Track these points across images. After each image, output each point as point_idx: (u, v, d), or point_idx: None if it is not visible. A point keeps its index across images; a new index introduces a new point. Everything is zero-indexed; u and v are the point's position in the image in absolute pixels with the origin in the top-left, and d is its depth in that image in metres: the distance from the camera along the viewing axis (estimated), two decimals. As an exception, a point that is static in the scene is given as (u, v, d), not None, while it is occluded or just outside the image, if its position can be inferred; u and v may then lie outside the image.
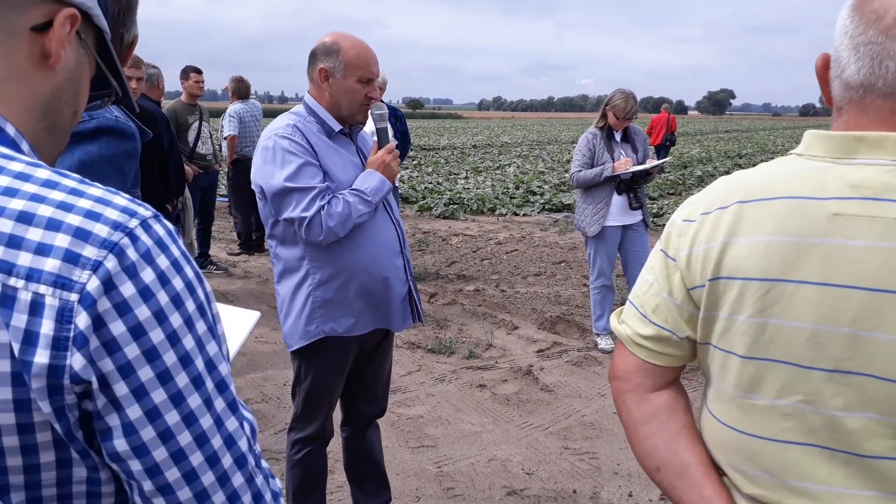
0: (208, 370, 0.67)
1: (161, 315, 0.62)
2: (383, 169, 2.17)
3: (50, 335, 0.58)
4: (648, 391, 1.07)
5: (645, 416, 1.06)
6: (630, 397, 1.08)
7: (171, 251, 0.65)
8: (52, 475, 0.64)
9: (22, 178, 0.61)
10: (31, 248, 0.58)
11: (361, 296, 2.18)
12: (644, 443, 1.06)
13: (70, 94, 0.74)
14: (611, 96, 4.50)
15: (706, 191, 1.02)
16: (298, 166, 2.04)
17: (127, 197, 0.65)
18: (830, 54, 0.96)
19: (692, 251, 0.97)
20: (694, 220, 0.99)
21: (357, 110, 2.16)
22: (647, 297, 1.05)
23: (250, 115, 7.05)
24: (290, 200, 2.04)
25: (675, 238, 1.01)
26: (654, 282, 1.04)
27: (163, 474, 0.64)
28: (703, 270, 0.96)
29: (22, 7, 0.66)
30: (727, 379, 0.98)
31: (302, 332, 2.20)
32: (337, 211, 2.04)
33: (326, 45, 2.12)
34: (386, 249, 2.21)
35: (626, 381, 1.09)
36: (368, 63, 2.12)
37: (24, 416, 0.60)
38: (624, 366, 1.09)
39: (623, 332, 1.09)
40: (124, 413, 0.62)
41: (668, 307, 1.02)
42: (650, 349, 1.05)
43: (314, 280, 2.16)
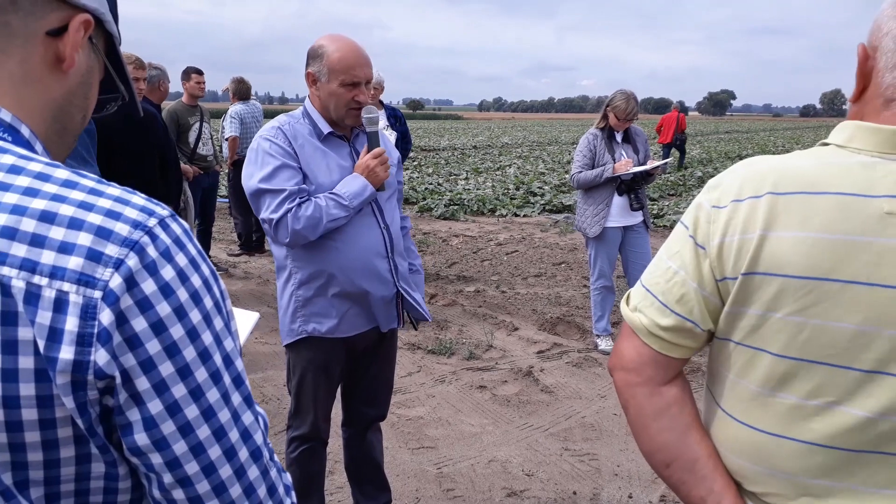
0: (225, 365, 0.69)
1: (181, 311, 0.64)
2: (367, 173, 2.15)
3: (74, 331, 0.60)
4: (660, 384, 1.02)
5: (657, 411, 1.02)
6: (641, 390, 1.03)
7: (189, 249, 0.67)
8: (72, 470, 0.66)
9: (42, 179, 0.63)
10: (55, 247, 0.60)
11: (342, 297, 2.19)
12: (655, 438, 1.02)
13: (81, 98, 0.75)
14: (612, 97, 4.49)
15: (733, 173, 0.97)
16: (274, 168, 2.07)
17: (144, 196, 0.67)
18: (868, 45, 0.93)
19: (724, 240, 0.92)
20: (724, 207, 0.94)
21: (345, 114, 2.15)
22: (670, 285, 0.99)
23: (251, 116, 7.05)
24: (263, 201, 2.09)
25: (704, 224, 0.96)
26: (679, 269, 0.98)
27: (182, 467, 0.66)
28: (735, 262, 0.91)
29: (38, 12, 0.67)
30: (751, 376, 0.94)
31: (288, 330, 2.25)
32: (305, 214, 2.04)
33: (313, 49, 2.14)
34: (367, 253, 2.19)
35: (636, 372, 1.03)
36: (351, 67, 2.10)
37: (46, 411, 0.62)
38: (635, 357, 1.03)
39: (638, 321, 1.02)
40: (145, 407, 0.63)
41: (696, 297, 0.96)
42: (667, 341, 1.00)
43: (296, 279, 2.20)
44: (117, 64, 0.80)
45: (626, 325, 1.06)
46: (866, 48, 0.93)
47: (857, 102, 0.96)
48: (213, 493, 0.68)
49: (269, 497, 0.73)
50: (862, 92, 0.95)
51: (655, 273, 1.02)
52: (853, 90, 0.96)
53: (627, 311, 1.05)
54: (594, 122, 4.66)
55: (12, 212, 0.60)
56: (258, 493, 0.72)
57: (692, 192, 13.19)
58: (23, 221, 0.60)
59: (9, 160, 0.63)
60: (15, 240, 0.59)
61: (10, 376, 0.60)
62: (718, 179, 0.99)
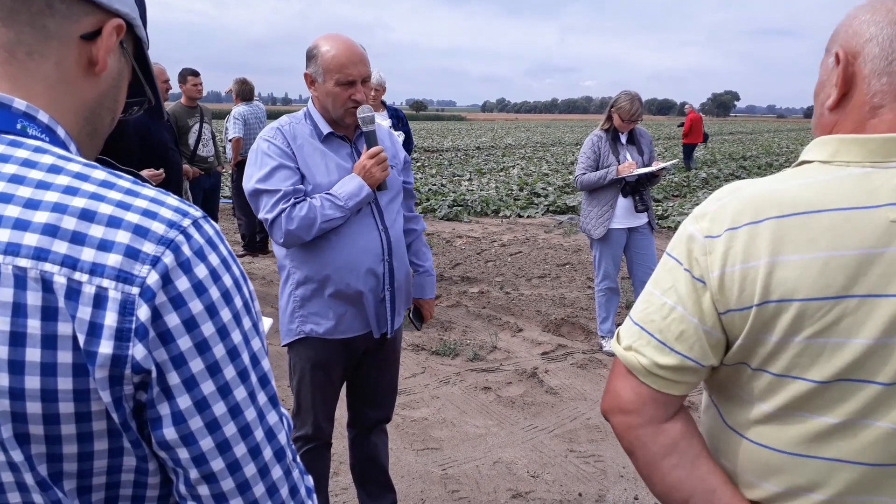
0: (253, 364, 0.71)
1: (212, 309, 0.66)
2: (364, 173, 2.13)
3: (113, 327, 0.62)
4: (663, 422, 0.98)
5: (664, 450, 0.97)
6: (644, 432, 0.98)
7: (221, 250, 0.69)
8: (104, 463, 0.68)
9: (81, 178, 0.65)
10: (94, 244, 0.62)
11: (338, 299, 2.18)
12: (667, 477, 0.97)
13: (111, 101, 0.78)
14: (616, 98, 4.48)
15: (719, 202, 0.94)
16: (271, 169, 2.09)
17: (177, 198, 0.69)
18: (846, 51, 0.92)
19: (724, 271, 0.89)
20: (718, 236, 0.91)
21: (343, 113, 2.14)
22: (667, 322, 0.95)
23: (254, 116, 7.06)
24: (260, 201, 2.11)
25: (700, 257, 0.92)
26: (676, 305, 0.94)
27: (208, 463, 0.68)
28: (741, 293, 0.88)
29: (74, 16, 0.70)
30: (771, 400, 0.92)
31: (286, 329, 2.26)
32: (300, 215, 2.05)
33: (309, 50, 2.14)
34: (365, 255, 2.17)
35: (636, 414, 0.98)
36: (344, 65, 2.08)
37: (82, 405, 0.63)
38: (633, 398, 0.98)
39: (634, 361, 0.98)
40: (175, 402, 0.65)
41: (696, 334, 0.93)
42: (667, 379, 0.96)
43: (294, 279, 2.21)
44: (145, 67, 0.82)
45: (618, 365, 1.02)
46: (847, 54, 0.91)
47: (835, 110, 0.94)
48: (236, 491, 0.70)
49: (291, 498, 0.74)
50: (840, 99, 0.93)
51: (648, 310, 0.98)
52: (831, 98, 0.93)
53: (620, 350, 1.01)
54: (598, 123, 4.65)
55: (53, 209, 0.62)
56: (281, 494, 0.73)
57: (696, 193, 13.17)
58: (64, 219, 0.62)
59: (48, 160, 0.65)
60: (56, 237, 0.61)
61: (50, 370, 0.61)
62: (703, 209, 0.96)
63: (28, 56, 0.69)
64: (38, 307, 0.60)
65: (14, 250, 0.60)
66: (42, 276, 0.60)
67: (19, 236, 0.61)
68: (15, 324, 0.60)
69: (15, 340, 0.60)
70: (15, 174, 0.63)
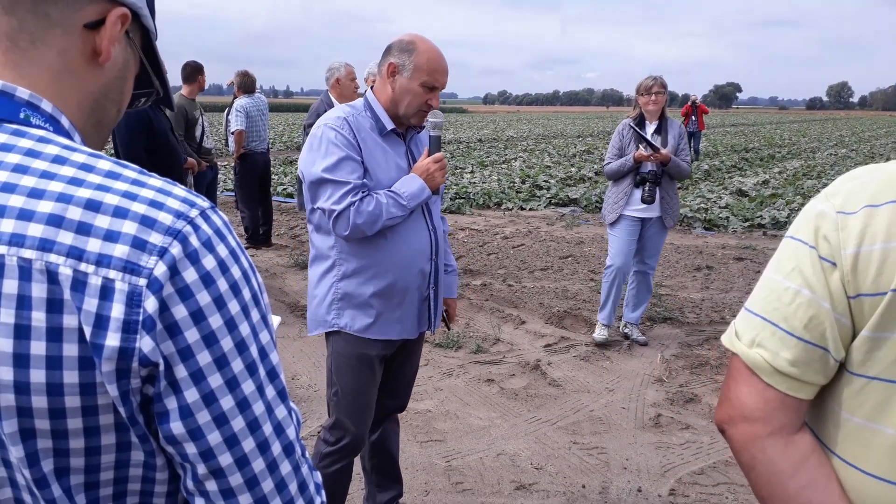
0: (261, 357, 0.69)
1: (220, 301, 0.64)
2: (426, 176, 2.16)
3: (120, 318, 0.60)
4: (793, 432, 0.86)
5: (795, 465, 0.86)
6: (771, 443, 0.86)
7: (229, 241, 0.67)
8: (112, 458, 0.67)
9: (86, 169, 0.63)
10: (101, 235, 0.60)
11: (381, 297, 2.17)
12: (796, 499, 0.85)
13: (116, 92, 0.76)
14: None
15: (856, 181, 0.85)
16: (339, 159, 2.05)
17: (184, 188, 0.67)
18: None
19: (860, 250, 0.79)
20: (855, 213, 0.81)
21: (413, 113, 2.14)
22: (793, 307, 0.84)
23: (256, 109, 7.05)
24: (325, 191, 2.06)
25: (831, 233, 0.82)
26: (801, 288, 0.84)
27: (216, 458, 0.66)
28: (879, 275, 0.78)
29: (77, 4, 0.68)
30: (889, 419, 0.80)
31: (321, 320, 2.22)
32: (368, 210, 2.04)
33: (403, 43, 2.12)
34: (416, 254, 2.20)
35: (763, 422, 0.86)
36: (436, 70, 2.11)
37: (88, 399, 0.62)
38: (760, 403, 0.87)
39: (758, 358, 0.87)
40: (182, 396, 0.64)
41: (828, 319, 0.82)
42: (795, 378, 0.85)
43: (339, 271, 2.17)
44: (153, 59, 0.80)
45: (737, 366, 0.91)
46: None
47: None
48: (245, 487, 0.68)
49: (299, 494, 0.72)
50: None
51: (769, 297, 0.88)
52: None
53: (742, 348, 0.89)
54: (600, 115, 4.64)
55: (58, 200, 0.60)
56: (289, 489, 0.71)
57: (698, 185, 13.14)
58: (69, 209, 0.60)
59: (53, 150, 0.64)
60: (62, 227, 0.60)
61: (55, 363, 0.60)
62: (835, 187, 0.87)
63: (31, 44, 0.67)
64: (43, 299, 0.59)
65: (18, 241, 0.59)
66: (47, 268, 0.59)
67: (23, 227, 0.59)
68: (20, 316, 0.59)
69: (20, 333, 0.59)
70: (19, 164, 0.62)
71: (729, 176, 15.03)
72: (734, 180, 13.84)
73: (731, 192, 12.08)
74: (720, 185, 13.29)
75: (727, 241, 8.26)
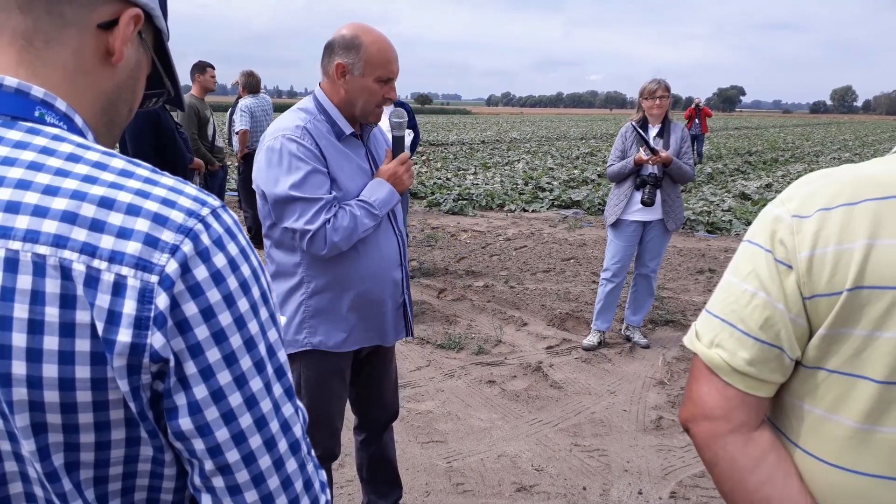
0: (269, 355, 0.70)
1: (230, 299, 0.65)
2: (394, 180, 2.05)
3: (132, 315, 0.61)
4: (752, 430, 0.89)
5: (754, 461, 0.88)
6: (732, 440, 0.89)
7: (239, 239, 0.68)
8: (121, 453, 0.67)
9: (100, 167, 0.64)
10: (114, 232, 0.61)
11: (356, 309, 2.07)
12: (755, 495, 0.88)
13: (128, 92, 0.77)
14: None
15: (809, 186, 0.88)
16: (306, 174, 1.90)
17: (195, 187, 0.68)
18: None
19: (814, 253, 0.82)
20: (809, 216, 0.84)
21: (371, 111, 2.01)
22: (749, 309, 0.87)
23: (261, 109, 7.06)
24: (294, 210, 1.91)
25: (786, 237, 0.85)
26: (758, 291, 0.87)
27: (224, 455, 0.67)
28: (832, 277, 0.81)
29: (91, 4, 0.69)
30: (848, 410, 0.83)
31: (290, 340, 2.08)
32: (343, 225, 1.92)
33: (346, 39, 1.95)
34: (387, 262, 2.10)
35: (724, 420, 0.89)
36: (389, 61, 1.96)
37: (99, 393, 0.63)
38: (720, 402, 0.89)
39: (717, 359, 0.89)
40: (191, 392, 0.64)
41: (782, 321, 0.85)
42: (754, 377, 0.88)
43: (308, 289, 2.04)
44: (164, 59, 0.81)
45: (698, 366, 0.93)
46: None
47: None
48: (251, 483, 0.69)
49: (305, 491, 0.73)
50: None
51: (727, 299, 0.90)
52: None
53: (702, 349, 0.92)
54: (603, 117, 4.64)
55: (72, 197, 0.61)
56: (295, 487, 0.72)
57: (701, 188, 13.13)
58: (83, 207, 0.61)
59: (67, 148, 0.65)
60: (76, 224, 0.60)
61: (67, 358, 0.61)
62: (790, 192, 0.89)
63: (46, 44, 0.68)
64: (56, 294, 0.60)
65: (33, 237, 0.60)
66: (61, 264, 0.60)
67: (38, 223, 0.60)
68: (33, 311, 0.60)
69: (33, 328, 0.60)
70: (34, 161, 0.63)
71: (732, 179, 15.01)
72: (737, 183, 13.82)
73: (734, 196, 12.07)
74: (723, 188, 13.28)
75: (730, 244, 8.26)
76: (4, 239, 0.60)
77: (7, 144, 0.64)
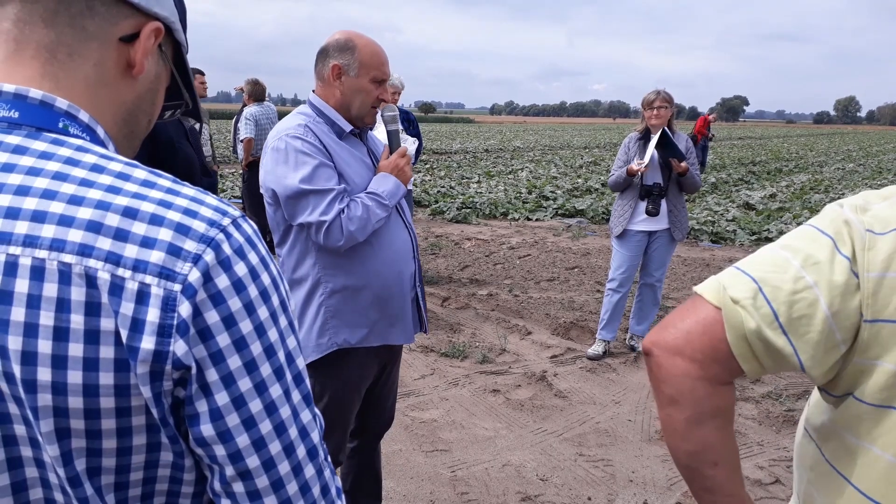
0: (288, 362, 0.71)
1: (251, 307, 0.66)
2: (397, 172, 2.10)
3: (156, 322, 0.62)
4: (722, 383, 0.89)
5: (715, 410, 0.89)
6: (701, 385, 0.88)
7: (259, 248, 0.69)
8: (142, 458, 0.68)
9: (123, 178, 0.65)
10: (137, 241, 0.62)
11: (375, 304, 2.09)
12: (709, 437, 0.90)
13: (148, 104, 0.79)
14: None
15: (887, 200, 0.83)
16: (314, 167, 1.94)
17: (216, 197, 0.69)
18: None
19: (886, 275, 0.77)
20: (884, 234, 0.79)
21: (367, 112, 2.08)
22: (796, 298, 0.81)
23: (266, 117, 7.09)
24: (307, 203, 1.93)
25: (858, 251, 0.80)
26: (814, 286, 0.81)
27: (244, 460, 0.68)
28: None
29: (113, 18, 0.71)
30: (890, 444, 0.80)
31: (314, 345, 2.08)
32: (357, 215, 1.95)
33: (340, 43, 2.03)
34: (401, 255, 2.13)
35: (701, 365, 0.87)
36: (382, 63, 2.05)
37: (122, 400, 0.64)
38: (707, 350, 0.86)
39: (738, 319, 0.84)
40: (213, 399, 0.66)
41: (821, 329, 0.80)
42: (756, 356, 0.85)
43: (326, 289, 2.05)
44: (183, 72, 0.83)
45: (703, 306, 0.88)
46: None
47: None
48: (270, 489, 0.70)
49: (322, 497, 0.74)
50: None
51: (776, 273, 0.84)
52: None
53: (726, 300, 0.86)
54: (606, 126, 4.65)
55: (97, 207, 0.62)
56: (313, 492, 0.73)
57: (705, 198, 13.12)
58: (107, 216, 0.62)
59: (91, 159, 0.66)
60: (100, 233, 0.62)
61: (92, 365, 0.62)
62: (865, 199, 0.84)
63: (69, 57, 0.69)
64: (81, 302, 0.61)
65: (59, 246, 0.61)
66: (86, 272, 0.61)
67: (64, 232, 0.61)
68: (59, 318, 0.61)
69: (59, 335, 0.61)
70: (59, 171, 0.64)
71: (736, 189, 15.01)
72: (741, 193, 13.82)
73: (738, 206, 12.07)
74: (727, 197, 13.27)
75: (734, 254, 8.25)
76: (31, 248, 0.61)
77: (32, 155, 0.65)
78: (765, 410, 3.90)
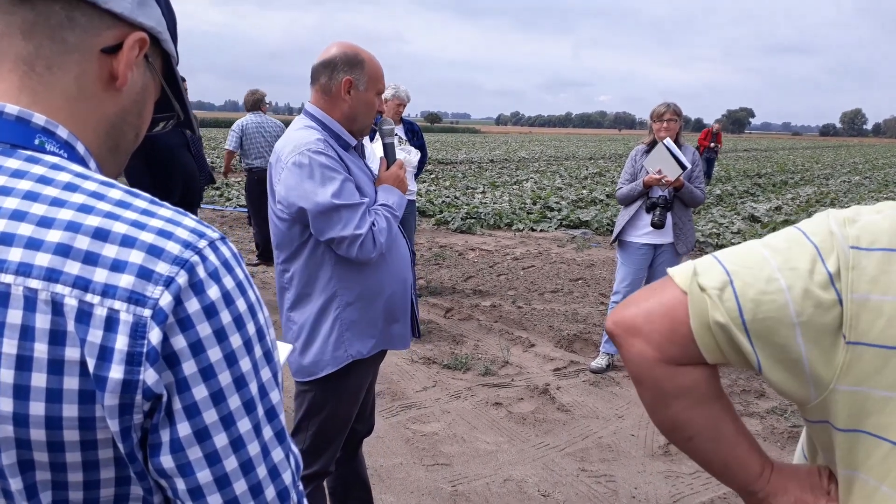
0: (261, 396, 0.67)
1: (221, 334, 0.63)
2: (398, 184, 2.15)
3: (124, 350, 0.59)
4: (682, 365, 0.85)
5: (679, 390, 0.86)
6: (659, 367, 0.85)
7: (237, 273, 0.66)
8: (111, 492, 0.65)
9: (96, 197, 0.63)
10: (107, 265, 0.59)
11: (384, 313, 2.13)
12: (680, 415, 0.88)
13: (134, 116, 0.76)
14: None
15: (879, 214, 0.79)
16: (342, 182, 1.94)
17: (195, 218, 0.66)
18: None
19: (871, 297, 0.74)
20: (871, 251, 0.75)
21: (369, 123, 2.12)
22: (765, 299, 0.78)
23: (255, 126, 7.10)
24: (339, 218, 1.92)
25: (843, 269, 0.76)
26: (787, 289, 0.77)
27: (205, 498, 0.64)
28: (890, 328, 0.72)
29: (95, 29, 0.68)
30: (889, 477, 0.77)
31: (330, 358, 2.07)
32: (383, 227, 2.00)
33: (350, 56, 2.02)
34: (405, 264, 2.18)
35: (657, 348, 0.84)
36: (383, 76, 2.10)
37: (87, 433, 0.61)
38: (666, 332, 0.83)
39: (702, 305, 0.81)
40: (175, 429, 0.62)
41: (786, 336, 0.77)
42: (719, 345, 0.82)
43: (342, 301, 2.05)
44: (173, 83, 0.80)
45: (671, 288, 0.85)
46: None
47: None
48: None
49: None
50: None
51: (751, 270, 0.80)
52: None
53: (693, 284, 0.83)
54: (612, 137, 4.64)
55: (67, 228, 0.60)
56: None
57: (710, 210, 13.08)
58: (77, 238, 0.59)
59: (65, 177, 0.64)
60: (69, 257, 0.59)
61: (55, 396, 0.59)
62: (856, 212, 0.80)
63: (48, 69, 0.67)
64: (46, 330, 0.58)
65: (26, 271, 0.58)
66: (53, 299, 0.58)
67: (31, 256, 0.59)
68: (22, 347, 0.58)
69: (21, 364, 0.58)
70: (30, 191, 0.61)
71: (741, 201, 14.96)
72: (747, 206, 13.78)
73: (743, 218, 12.02)
74: (732, 210, 13.23)
75: (739, 266, 8.20)
76: None
77: (4, 174, 0.62)
78: (769, 426, 3.86)
